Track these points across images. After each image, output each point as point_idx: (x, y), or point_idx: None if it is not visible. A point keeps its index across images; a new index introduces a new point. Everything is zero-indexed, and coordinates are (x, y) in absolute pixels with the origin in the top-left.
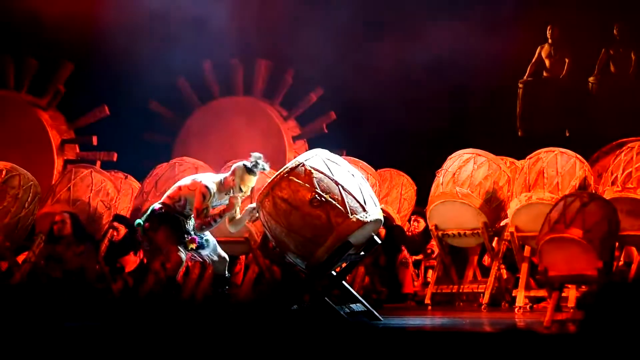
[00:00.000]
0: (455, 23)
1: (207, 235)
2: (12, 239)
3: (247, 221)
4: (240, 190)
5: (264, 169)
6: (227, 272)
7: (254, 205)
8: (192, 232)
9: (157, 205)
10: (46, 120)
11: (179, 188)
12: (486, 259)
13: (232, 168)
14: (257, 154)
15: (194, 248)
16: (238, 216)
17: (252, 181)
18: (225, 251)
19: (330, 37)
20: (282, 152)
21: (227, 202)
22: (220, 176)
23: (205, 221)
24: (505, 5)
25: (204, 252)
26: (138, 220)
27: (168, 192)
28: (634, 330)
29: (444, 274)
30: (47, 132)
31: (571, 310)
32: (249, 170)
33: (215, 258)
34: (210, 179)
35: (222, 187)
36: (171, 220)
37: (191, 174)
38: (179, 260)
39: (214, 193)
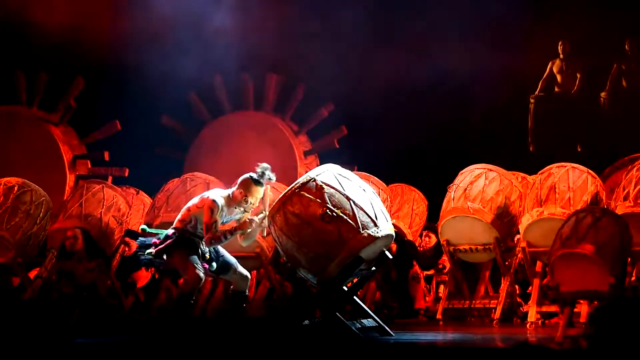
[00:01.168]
0: (467, 38)
1: (226, 255)
2: (23, 255)
3: (258, 234)
4: (248, 202)
5: (270, 179)
6: (246, 291)
7: (262, 215)
8: (207, 254)
9: (169, 231)
10: (58, 135)
11: (188, 209)
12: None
13: (239, 180)
14: (264, 165)
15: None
16: (248, 230)
17: (259, 192)
18: None
19: (342, 52)
20: (293, 167)
21: (237, 217)
22: (228, 191)
23: (215, 235)
24: (517, 21)
25: (226, 276)
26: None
27: (178, 216)
28: None
29: (456, 289)
30: (59, 147)
31: (583, 325)
32: (256, 182)
33: (237, 276)
34: (217, 193)
35: (231, 200)
36: (185, 243)
37: (202, 189)
38: (197, 277)
39: (222, 206)
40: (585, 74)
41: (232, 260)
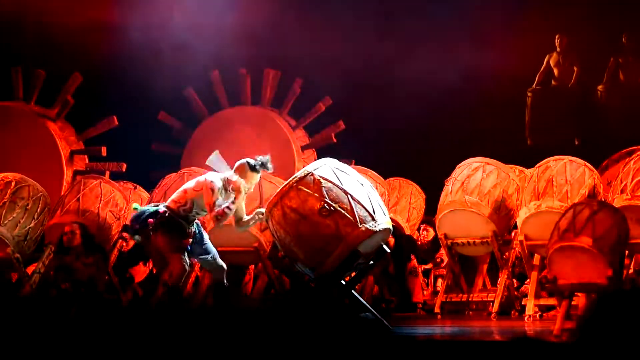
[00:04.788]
0: (464, 32)
1: (209, 243)
2: (21, 250)
3: (255, 224)
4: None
5: (267, 169)
6: (225, 281)
7: (262, 209)
8: (193, 238)
9: (161, 208)
10: (55, 131)
11: (185, 191)
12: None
13: (236, 165)
14: (265, 157)
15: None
16: (245, 218)
17: (254, 178)
18: (234, 261)
19: (339, 46)
20: (290, 161)
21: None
22: (224, 174)
23: (219, 212)
24: (514, 14)
25: (203, 263)
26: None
27: (173, 196)
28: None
29: (454, 283)
30: (56, 143)
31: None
32: (252, 168)
33: (213, 266)
34: (214, 175)
35: (226, 184)
36: (173, 226)
37: None
38: (182, 268)
39: (220, 188)
40: (583, 67)
41: (213, 249)
